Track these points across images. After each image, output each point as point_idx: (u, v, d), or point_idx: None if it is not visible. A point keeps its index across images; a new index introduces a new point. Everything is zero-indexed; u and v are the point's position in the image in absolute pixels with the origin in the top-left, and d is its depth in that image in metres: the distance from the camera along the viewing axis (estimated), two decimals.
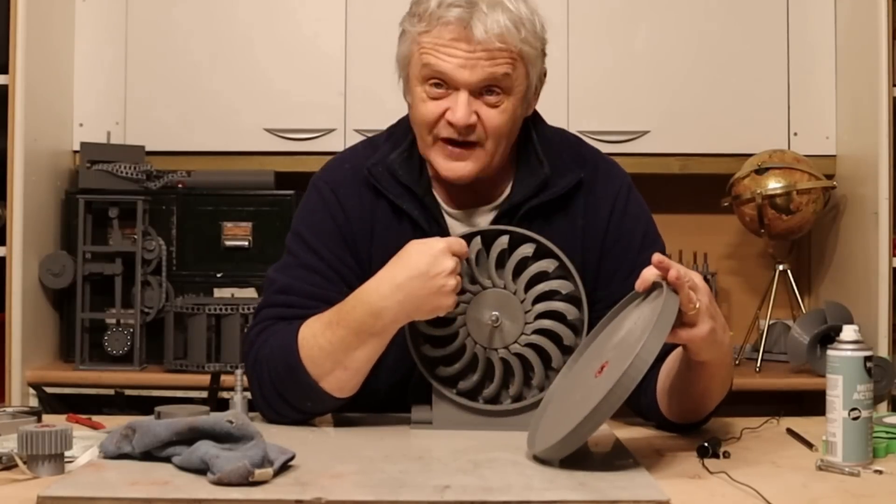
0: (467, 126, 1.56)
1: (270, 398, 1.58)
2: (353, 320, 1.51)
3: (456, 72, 1.54)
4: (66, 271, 2.77)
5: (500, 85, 1.56)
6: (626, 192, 1.69)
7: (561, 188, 1.64)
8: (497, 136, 1.58)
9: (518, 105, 1.59)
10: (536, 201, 1.64)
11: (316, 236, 1.66)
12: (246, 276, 2.82)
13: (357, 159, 1.70)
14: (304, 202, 1.71)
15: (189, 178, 2.89)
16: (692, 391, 1.50)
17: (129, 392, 2.69)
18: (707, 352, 1.40)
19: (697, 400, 1.52)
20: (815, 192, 2.85)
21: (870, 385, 1.33)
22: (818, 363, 2.65)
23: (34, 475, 1.25)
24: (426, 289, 1.48)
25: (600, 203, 1.67)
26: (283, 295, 1.63)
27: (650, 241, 1.68)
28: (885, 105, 2.69)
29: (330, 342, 1.52)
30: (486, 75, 1.54)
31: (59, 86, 2.93)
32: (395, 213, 1.65)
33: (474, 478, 1.25)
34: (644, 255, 1.47)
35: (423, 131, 1.60)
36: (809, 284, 3.20)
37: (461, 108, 1.55)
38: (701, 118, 2.99)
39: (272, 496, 1.16)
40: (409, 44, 1.59)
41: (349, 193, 1.67)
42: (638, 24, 3.00)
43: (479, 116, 1.56)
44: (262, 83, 2.98)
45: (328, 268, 1.64)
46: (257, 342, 1.60)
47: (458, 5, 1.53)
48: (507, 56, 1.54)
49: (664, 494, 1.18)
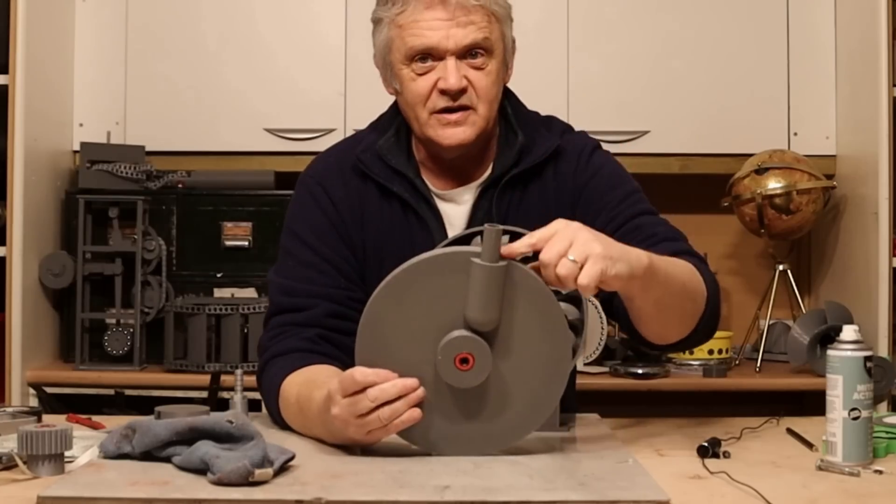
0: (460, 90, 1.60)
1: (272, 414, 1.61)
2: (312, 420, 1.48)
3: (441, 42, 1.59)
4: (66, 271, 2.77)
5: (483, 46, 1.61)
6: (588, 150, 1.72)
7: (537, 156, 1.68)
8: (487, 98, 1.63)
9: (500, 67, 1.64)
10: (516, 171, 1.67)
11: (309, 231, 1.68)
12: (246, 276, 2.82)
13: (341, 152, 1.74)
14: (294, 200, 1.74)
15: (189, 178, 2.89)
16: (646, 316, 1.51)
17: (129, 392, 2.69)
18: (610, 286, 1.35)
19: (661, 322, 1.53)
20: (815, 192, 2.85)
21: (870, 385, 1.33)
22: (818, 363, 2.65)
23: (34, 475, 1.25)
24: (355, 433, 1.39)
25: (566, 166, 1.70)
26: (286, 297, 1.66)
27: (618, 181, 1.70)
28: (885, 105, 2.68)
29: (297, 421, 1.53)
30: (469, 39, 1.59)
31: (59, 86, 2.93)
32: (384, 196, 1.68)
33: (474, 478, 1.25)
34: (614, 193, 1.61)
35: (418, 109, 1.64)
36: (809, 284, 3.20)
37: (452, 73, 1.59)
38: (701, 118, 2.99)
39: (272, 496, 1.16)
40: (386, 30, 1.64)
41: (336, 184, 1.70)
42: (638, 24, 3.00)
43: (469, 80, 1.61)
44: (262, 83, 2.98)
45: (325, 261, 1.66)
46: (269, 350, 1.63)
47: None
48: (484, 15, 1.60)
49: (664, 494, 1.18)
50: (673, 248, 1.59)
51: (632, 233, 1.61)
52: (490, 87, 1.62)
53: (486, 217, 1.65)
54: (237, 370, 1.76)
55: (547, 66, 2.96)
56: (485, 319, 1.33)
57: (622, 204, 1.66)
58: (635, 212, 1.66)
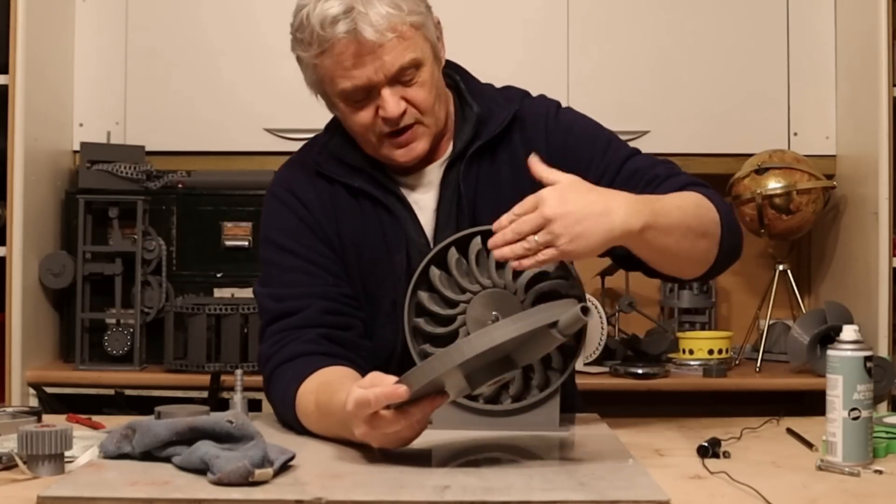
0: (402, 114, 1.58)
1: (287, 422, 1.59)
2: (336, 423, 1.45)
3: (371, 78, 1.55)
4: (66, 271, 2.76)
5: (412, 66, 1.57)
6: (554, 111, 1.71)
7: (497, 126, 1.66)
8: (429, 107, 1.61)
9: (433, 68, 1.61)
10: (479, 142, 1.66)
11: (287, 238, 1.67)
12: (246, 276, 2.81)
13: (303, 157, 1.73)
14: (266, 211, 1.73)
15: (189, 178, 2.89)
16: (657, 263, 1.54)
17: (129, 392, 2.68)
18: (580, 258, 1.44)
19: (676, 264, 1.56)
20: (815, 192, 2.85)
21: (870, 385, 1.33)
22: (818, 363, 2.65)
23: (34, 475, 1.25)
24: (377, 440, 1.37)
25: (532, 131, 1.68)
26: (278, 304, 1.64)
27: (594, 132, 1.70)
28: (885, 105, 2.68)
29: (321, 426, 1.51)
30: (397, 66, 1.55)
31: (59, 86, 2.93)
32: (352, 194, 1.67)
33: (474, 478, 1.25)
34: (596, 145, 1.62)
35: (365, 136, 1.63)
36: (809, 284, 3.20)
37: (390, 104, 1.57)
38: (701, 118, 2.99)
39: (272, 496, 1.16)
40: (311, 70, 1.60)
41: (304, 188, 1.69)
42: (638, 24, 3.00)
43: (407, 99, 1.59)
44: (262, 83, 2.97)
45: (309, 263, 1.65)
46: (272, 360, 1.61)
47: (337, 19, 1.51)
48: (403, 37, 1.55)
49: (664, 494, 1.18)
50: (677, 183, 1.59)
51: (631, 179, 1.61)
52: (428, 95, 1.60)
53: (455, 194, 1.64)
54: (237, 370, 1.76)
55: (547, 65, 2.96)
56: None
57: (608, 153, 1.65)
58: (623, 156, 1.65)
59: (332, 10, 1.51)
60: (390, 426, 1.30)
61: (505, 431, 1.54)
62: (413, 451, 1.38)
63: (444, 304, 1.58)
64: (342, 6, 1.51)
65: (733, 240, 1.59)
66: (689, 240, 1.51)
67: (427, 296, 1.58)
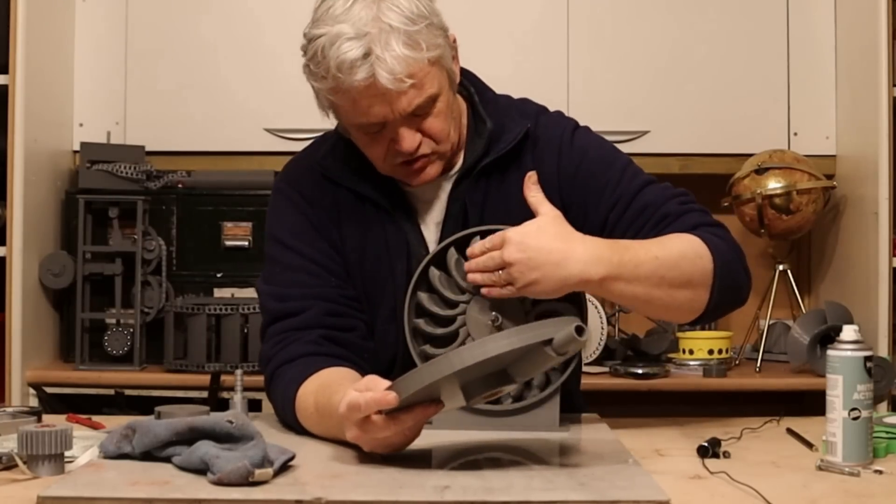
0: (417, 147, 1.56)
1: (288, 423, 1.59)
2: (334, 425, 1.44)
3: (386, 116, 1.53)
4: (66, 271, 2.76)
5: (427, 102, 1.55)
6: (569, 133, 1.69)
7: (508, 143, 1.64)
8: (445, 137, 1.59)
9: (448, 95, 1.58)
10: (488, 160, 1.64)
11: (291, 235, 1.67)
12: (246, 276, 2.81)
13: (310, 156, 1.72)
14: (272, 207, 1.72)
15: (189, 178, 2.89)
16: (626, 305, 1.62)
17: (129, 392, 2.68)
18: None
19: (651, 311, 1.64)
20: (815, 192, 2.85)
21: (870, 385, 1.33)
22: (818, 363, 2.65)
23: (34, 475, 1.25)
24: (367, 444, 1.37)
25: (545, 152, 1.66)
26: (280, 304, 1.64)
27: (610, 158, 1.68)
28: (885, 105, 2.68)
29: (320, 427, 1.51)
30: (414, 105, 1.53)
31: (59, 86, 2.93)
32: (357, 198, 1.67)
33: (474, 478, 1.25)
34: (611, 172, 1.62)
35: (377, 163, 1.62)
36: (809, 284, 3.20)
37: (406, 139, 1.55)
38: (701, 118, 2.99)
39: (272, 496, 1.16)
40: (324, 99, 1.57)
41: (310, 187, 1.69)
42: (638, 24, 3.00)
43: (422, 131, 1.57)
44: (262, 83, 2.98)
45: (312, 262, 1.65)
46: (273, 361, 1.61)
47: (356, 64, 1.47)
48: (421, 81, 1.51)
49: (664, 494, 1.18)
50: (685, 224, 1.57)
51: (641, 214, 1.60)
52: (444, 125, 1.57)
53: (462, 211, 1.64)
54: (237, 370, 1.76)
55: (547, 66, 2.96)
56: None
57: (622, 182, 1.63)
58: (637, 186, 1.63)
59: (350, 53, 1.47)
60: (380, 431, 1.30)
61: (505, 432, 1.54)
62: (413, 452, 1.38)
63: (444, 305, 1.58)
64: (361, 49, 1.47)
65: (730, 289, 1.56)
66: (662, 290, 1.50)
67: (427, 296, 1.58)
